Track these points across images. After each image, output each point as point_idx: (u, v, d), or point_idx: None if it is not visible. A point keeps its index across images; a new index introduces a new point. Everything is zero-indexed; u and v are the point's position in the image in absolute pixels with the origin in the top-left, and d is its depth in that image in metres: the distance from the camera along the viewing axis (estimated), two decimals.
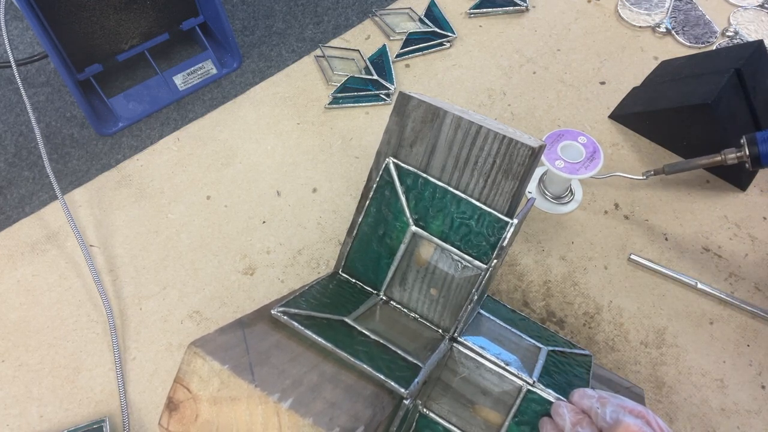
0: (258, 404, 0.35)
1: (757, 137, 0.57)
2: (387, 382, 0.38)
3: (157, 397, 0.57)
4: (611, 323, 0.61)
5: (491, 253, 0.44)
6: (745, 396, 0.56)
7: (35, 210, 0.69)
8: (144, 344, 0.60)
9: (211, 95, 0.81)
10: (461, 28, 0.86)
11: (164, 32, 0.79)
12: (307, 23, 0.89)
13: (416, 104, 0.45)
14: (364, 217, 0.48)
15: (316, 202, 0.70)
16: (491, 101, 0.78)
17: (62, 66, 0.70)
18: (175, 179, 0.72)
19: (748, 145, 0.58)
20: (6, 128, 0.77)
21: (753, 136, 0.58)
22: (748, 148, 0.58)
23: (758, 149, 0.57)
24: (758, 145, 0.57)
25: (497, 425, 0.44)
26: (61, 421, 0.56)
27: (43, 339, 0.60)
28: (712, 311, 0.61)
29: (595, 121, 0.76)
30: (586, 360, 0.51)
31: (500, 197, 0.44)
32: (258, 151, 0.74)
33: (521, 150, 0.43)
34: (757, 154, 0.57)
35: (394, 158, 0.46)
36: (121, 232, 0.67)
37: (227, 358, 0.36)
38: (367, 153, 0.74)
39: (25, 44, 0.87)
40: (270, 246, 0.66)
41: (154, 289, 0.63)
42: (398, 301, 0.48)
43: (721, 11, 0.88)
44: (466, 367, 0.46)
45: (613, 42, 0.84)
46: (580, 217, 0.68)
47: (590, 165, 0.61)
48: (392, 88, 0.79)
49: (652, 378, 0.57)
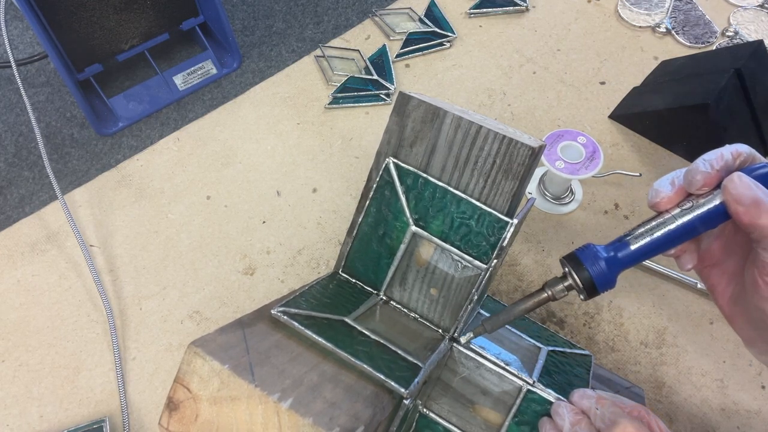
0: (258, 404, 0.35)
1: (579, 256, 0.39)
2: (387, 381, 0.38)
3: (157, 397, 0.57)
4: (611, 323, 0.61)
5: (491, 253, 0.44)
6: (745, 396, 0.56)
7: (35, 210, 0.69)
8: (144, 344, 0.60)
9: (211, 95, 0.81)
10: (461, 28, 0.86)
11: (164, 32, 0.79)
12: (307, 23, 0.89)
13: (416, 104, 0.45)
14: (364, 217, 0.48)
15: (316, 202, 0.70)
16: (491, 101, 0.78)
17: (62, 66, 0.70)
18: (175, 179, 0.72)
19: (574, 270, 0.39)
20: (6, 128, 0.77)
21: (573, 255, 0.40)
22: (575, 273, 0.39)
23: (588, 272, 0.39)
24: (587, 268, 0.39)
25: (497, 425, 0.44)
26: (61, 421, 0.56)
27: (43, 339, 0.60)
28: (712, 311, 0.61)
29: (595, 121, 0.76)
30: (586, 360, 0.51)
31: (500, 197, 0.44)
32: (258, 151, 0.74)
33: (521, 150, 0.43)
34: (587, 278, 0.39)
35: (394, 158, 0.46)
36: (121, 232, 0.67)
37: (227, 358, 0.36)
38: (367, 153, 0.74)
39: (25, 44, 0.87)
40: (270, 246, 0.66)
41: (154, 289, 0.63)
42: (398, 301, 0.48)
43: (721, 11, 0.88)
44: (466, 367, 0.46)
45: (613, 42, 0.84)
46: (580, 217, 0.68)
47: (590, 165, 0.61)
48: (392, 88, 0.79)
49: (652, 378, 0.57)
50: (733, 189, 0.35)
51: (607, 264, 0.39)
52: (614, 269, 0.39)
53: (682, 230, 0.38)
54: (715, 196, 0.37)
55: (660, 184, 0.39)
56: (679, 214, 0.38)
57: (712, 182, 0.37)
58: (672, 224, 0.38)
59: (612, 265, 0.39)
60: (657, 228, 0.38)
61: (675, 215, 0.38)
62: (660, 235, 0.38)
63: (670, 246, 0.39)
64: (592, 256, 0.39)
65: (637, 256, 0.39)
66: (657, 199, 0.38)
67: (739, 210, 0.35)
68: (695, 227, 0.37)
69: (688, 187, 0.37)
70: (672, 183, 0.38)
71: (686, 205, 0.38)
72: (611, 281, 0.39)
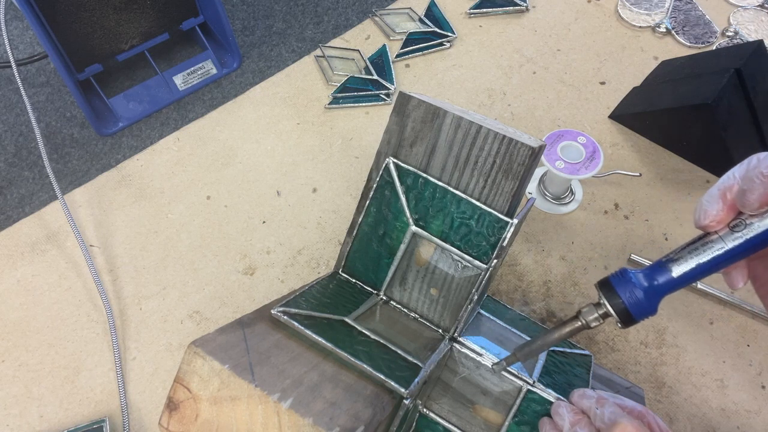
0: (258, 404, 0.35)
1: (614, 283, 0.37)
2: (387, 381, 0.38)
3: (157, 397, 0.57)
4: (611, 323, 0.61)
5: (491, 253, 0.44)
6: (745, 396, 0.56)
7: (35, 210, 0.69)
8: (144, 344, 0.60)
9: (211, 95, 0.81)
10: (461, 28, 0.86)
11: (164, 32, 0.79)
12: (307, 23, 0.89)
13: (416, 104, 0.45)
14: (364, 217, 0.48)
15: (316, 202, 0.70)
16: (491, 101, 0.78)
17: (62, 66, 0.70)
18: (175, 179, 0.72)
19: (607, 300, 0.37)
20: (6, 128, 0.77)
21: (607, 282, 0.37)
22: (608, 301, 0.37)
23: (623, 302, 0.36)
24: (620, 296, 0.36)
25: (497, 425, 0.44)
26: (61, 421, 0.56)
27: (43, 339, 0.60)
28: (712, 311, 0.61)
29: (595, 121, 0.76)
30: (586, 360, 0.51)
31: (500, 197, 0.44)
32: (258, 151, 0.74)
33: (521, 150, 0.43)
34: (623, 307, 0.36)
35: (394, 158, 0.46)
36: (121, 232, 0.67)
37: (227, 357, 0.36)
38: (367, 153, 0.74)
39: (25, 44, 0.87)
40: (270, 246, 0.66)
41: (154, 289, 0.63)
42: (398, 301, 0.48)
43: (721, 11, 0.88)
44: (466, 367, 0.46)
45: (613, 42, 0.84)
46: (580, 217, 0.68)
47: (590, 165, 0.61)
48: (392, 88, 0.79)
49: (652, 378, 0.57)
50: None
51: (645, 292, 0.36)
52: (653, 297, 0.36)
53: (732, 254, 0.34)
54: None
55: (708, 201, 0.34)
56: (728, 235, 0.34)
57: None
58: (721, 248, 0.34)
59: (650, 294, 0.36)
60: (703, 251, 0.35)
61: (723, 236, 0.34)
62: (707, 261, 0.35)
63: (718, 269, 0.35)
64: (627, 284, 0.36)
65: (680, 283, 0.35)
66: (706, 221, 0.34)
67: None
68: (747, 249, 0.34)
69: (743, 208, 0.33)
70: (723, 198, 0.34)
71: (737, 225, 0.34)
72: (650, 310, 0.36)
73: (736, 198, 0.34)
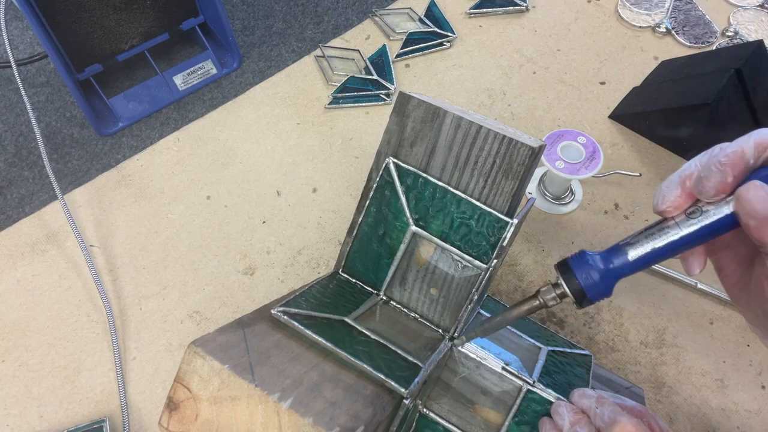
0: (258, 404, 0.35)
1: (571, 265, 0.38)
2: (387, 381, 0.38)
3: (157, 397, 0.57)
4: (611, 323, 0.61)
5: (491, 252, 0.44)
6: (745, 396, 0.56)
7: (35, 210, 0.69)
8: (144, 344, 0.60)
9: (211, 95, 0.81)
10: (461, 28, 0.86)
11: (164, 32, 0.79)
12: (307, 23, 0.89)
13: (416, 104, 0.45)
14: (364, 217, 0.48)
15: (316, 202, 0.70)
16: (491, 101, 0.78)
17: (62, 66, 0.70)
18: (175, 179, 0.72)
19: (565, 281, 0.38)
20: (6, 128, 0.77)
21: (566, 263, 0.38)
22: (566, 283, 0.38)
23: (579, 283, 0.37)
24: (576, 277, 0.37)
25: (497, 425, 0.44)
26: (61, 421, 0.56)
27: (43, 339, 0.60)
28: (712, 311, 0.61)
29: (595, 121, 0.76)
30: (586, 360, 0.51)
31: (500, 197, 0.44)
32: (258, 151, 0.74)
33: (521, 150, 0.43)
34: (579, 289, 0.37)
35: (394, 158, 0.46)
36: (121, 232, 0.67)
37: (227, 357, 0.36)
38: (367, 153, 0.74)
39: (25, 44, 0.87)
40: (270, 246, 0.66)
41: (154, 289, 0.63)
42: (398, 301, 0.48)
43: (721, 11, 0.88)
44: (466, 367, 0.46)
45: (613, 42, 0.84)
46: (580, 217, 0.68)
47: (590, 165, 0.61)
48: (392, 88, 0.79)
49: (652, 378, 0.57)
50: (746, 203, 0.31)
51: (601, 275, 0.36)
52: (608, 280, 0.36)
53: (686, 240, 0.34)
54: (727, 203, 0.33)
55: (668, 187, 0.35)
56: (684, 222, 0.34)
57: (726, 189, 0.33)
58: (676, 234, 0.34)
59: (606, 276, 0.36)
60: (659, 236, 0.35)
61: (679, 222, 0.34)
62: (662, 246, 0.35)
63: (673, 254, 0.35)
64: (584, 266, 0.37)
65: (635, 267, 0.36)
66: (663, 207, 0.35)
67: (750, 224, 0.32)
68: (702, 236, 0.34)
69: (699, 195, 0.34)
70: (682, 184, 0.34)
71: (693, 212, 0.34)
72: (605, 292, 0.37)
73: (693, 185, 0.34)
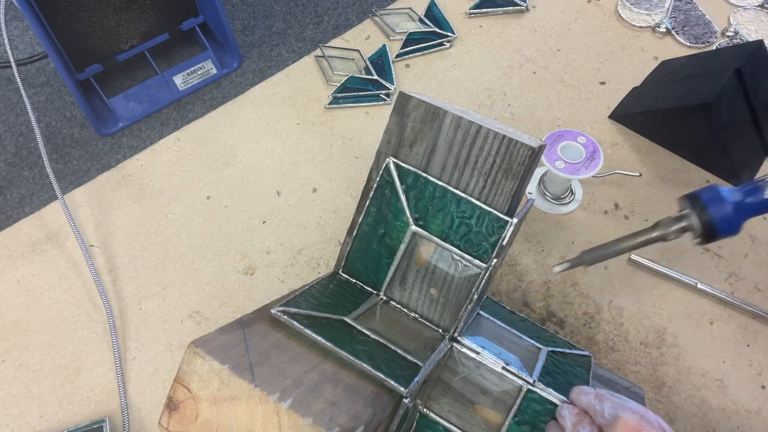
0: (258, 404, 0.35)
1: (702, 197, 0.37)
2: (387, 381, 0.38)
3: (157, 397, 0.57)
4: (611, 323, 0.61)
5: (491, 252, 0.44)
6: (745, 396, 0.56)
7: (35, 210, 0.69)
8: (144, 344, 0.60)
9: (211, 95, 0.81)
10: (461, 28, 0.86)
11: (164, 32, 0.79)
12: (307, 23, 0.89)
13: (416, 104, 0.45)
14: (364, 216, 0.48)
15: (316, 202, 0.70)
16: (491, 101, 0.78)
17: (62, 66, 0.70)
18: (175, 179, 0.72)
19: (695, 211, 0.37)
20: (6, 128, 0.77)
21: (695, 195, 0.38)
22: (697, 214, 0.37)
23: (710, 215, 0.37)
24: (707, 209, 0.37)
25: (497, 425, 0.44)
26: (61, 421, 0.56)
27: (43, 339, 0.60)
28: (712, 311, 0.61)
29: (595, 121, 0.76)
30: (586, 361, 0.51)
31: (500, 197, 0.44)
32: (258, 151, 0.74)
33: (521, 150, 0.43)
34: (709, 220, 0.37)
35: (394, 158, 0.46)
36: (121, 232, 0.67)
37: (227, 357, 0.36)
38: (367, 153, 0.74)
39: (25, 44, 0.87)
40: (270, 246, 0.66)
41: (154, 289, 0.63)
42: (398, 300, 0.48)
43: (721, 11, 0.88)
44: (466, 367, 0.46)
45: (613, 42, 0.84)
46: (580, 217, 0.68)
47: (590, 165, 0.61)
48: (392, 88, 0.79)
49: (652, 378, 0.57)
50: None
51: (735, 209, 0.35)
52: (741, 216, 0.35)
53: None
54: None
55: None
56: None
57: None
58: None
59: (739, 211, 0.35)
60: None
61: None
62: None
63: None
64: (717, 199, 0.36)
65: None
66: None
67: None
68: None
69: None
70: None
71: None
72: (734, 228, 0.36)
73: None
